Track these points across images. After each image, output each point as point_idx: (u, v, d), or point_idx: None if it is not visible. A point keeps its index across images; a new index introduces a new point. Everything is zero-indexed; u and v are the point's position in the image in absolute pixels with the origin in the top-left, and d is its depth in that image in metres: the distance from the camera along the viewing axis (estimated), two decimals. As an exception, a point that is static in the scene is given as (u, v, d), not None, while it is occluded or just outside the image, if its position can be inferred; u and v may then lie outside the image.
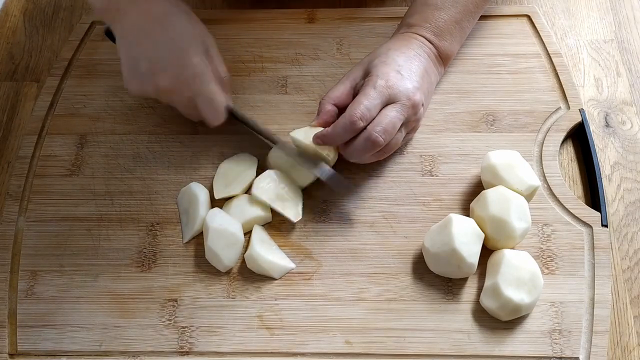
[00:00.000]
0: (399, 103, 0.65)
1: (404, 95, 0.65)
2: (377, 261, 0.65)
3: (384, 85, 0.65)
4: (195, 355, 0.62)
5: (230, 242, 0.64)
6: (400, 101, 0.65)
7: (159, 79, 0.66)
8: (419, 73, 0.68)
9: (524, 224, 0.63)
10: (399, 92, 0.65)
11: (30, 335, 0.63)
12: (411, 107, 0.66)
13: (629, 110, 0.76)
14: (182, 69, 0.65)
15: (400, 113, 0.65)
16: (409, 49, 0.69)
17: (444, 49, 0.71)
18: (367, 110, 0.64)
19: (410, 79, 0.67)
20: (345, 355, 0.61)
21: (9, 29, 0.87)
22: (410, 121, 0.67)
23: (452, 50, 0.73)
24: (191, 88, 0.66)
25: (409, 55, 0.69)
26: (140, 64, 0.66)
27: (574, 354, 0.60)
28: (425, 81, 0.69)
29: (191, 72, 0.65)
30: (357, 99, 0.65)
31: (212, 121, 0.68)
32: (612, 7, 0.84)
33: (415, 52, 0.69)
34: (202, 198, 0.67)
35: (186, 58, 0.65)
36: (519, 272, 0.60)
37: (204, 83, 0.66)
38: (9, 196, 0.70)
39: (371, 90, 0.65)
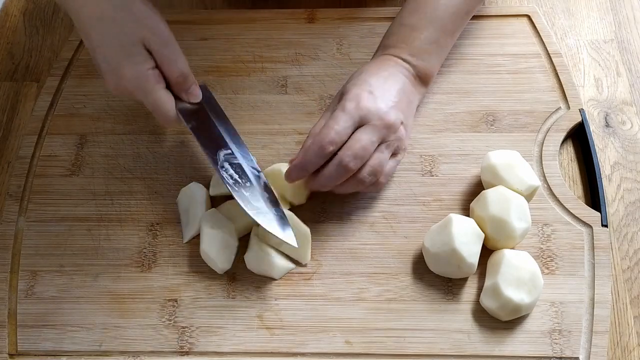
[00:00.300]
0: (370, 125, 0.63)
1: (375, 115, 0.63)
2: (377, 261, 0.65)
3: (353, 107, 0.63)
4: (195, 355, 0.62)
5: (224, 245, 0.64)
6: (371, 122, 0.63)
7: (107, 83, 0.65)
8: (394, 93, 0.66)
9: (524, 224, 0.63)
10: (369, 112, 0.63)
11: (30, 335, 0.63)
12: (384, 128, 0.64)
13: (629, 110, 0.76)
14: (120, 80, 0.64)
15: (373, 135, 0.63)
16: (383, 69, 0.68)
17: (422, 68, 0.69)
18: (336, 134, 0.62)
19: (382, 98, 0.65)
20: (345, 355, 0.61)
21: (9, 29, 0.87)
22: (389, 141, 0.65)
23: (431, 69, 0.71)
24: (134, 98, 0.66)
25: (383, 76, 0.67)
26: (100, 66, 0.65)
27: (574, 354, 0.60)
28: (403, 100, 0.67)
29: (128, 84, 0.64)
30: (327, 123, 0.63)
31: (162, 124, 0.68)
32: (612, 7, 0.84)
33: (390, 72, 0.67)
34: (201, 198, 0.67)
35: (122, 70, 0.63)
36: (519, 272, 0.60)
37: (144, 93, 0.64)
38: (9, 196, 0.70)
39: (340, 114, 0.63)
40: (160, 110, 0.65)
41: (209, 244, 0.63)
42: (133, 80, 0.63)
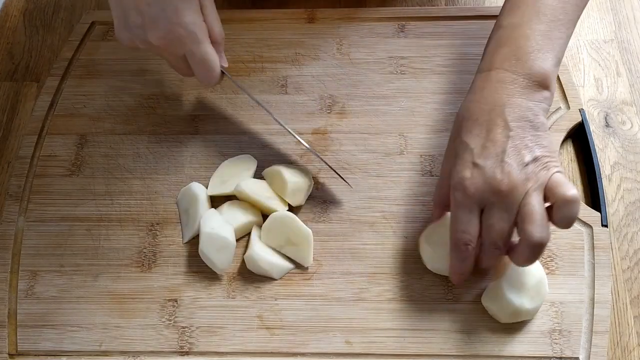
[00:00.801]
0: (489, 205, 0.57)
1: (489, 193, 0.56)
2: (377, 261, 0.65)
3: (463, 196, 0.57)
4: (195, 355, 0.62)
5: (222, 246, 0.63)
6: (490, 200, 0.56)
7: (149, 35, 0.62)
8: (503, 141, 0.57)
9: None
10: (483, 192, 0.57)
11: (30, 335, 0.63)
12: (506, 198, 0.56)
13: (629, 110, 0.76)
14: (174, 27, 0.61)
15: (498, 213, 0.56)
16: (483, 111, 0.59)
17: (533, 72, 0.60)
18: (464, 233, 0.57)
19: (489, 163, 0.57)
20: (345, 355, 0.61)
21: (9, 29, 0.87)
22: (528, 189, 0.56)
23: (545, 69, 0.60)
24: (183, 47, 0.63)
25: (483, 124, 0.59)
26: (130, 15, 0.62)
27: (574, 354, 0.60)
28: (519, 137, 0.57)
29: (183, 31, 0.62)
30: (451, 225, 0.59)
31: (205, 82, 0.66)
32: (612, 7, 0.84)
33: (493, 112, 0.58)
34: (202, 198, 0.67)
35: (179, 16, 0.61)
36: (525, 277, 0.60)
37: (197, 43, 0.63)
38: (9, 196, 0.70)
39: (456, 210, 0.58)
40: (209, 63, 0.64)
41: (208, 245, 0.63)
42: (189, 26, 0.62)
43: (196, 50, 0.64)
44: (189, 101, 0.76)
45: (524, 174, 0.56)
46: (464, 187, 0.57)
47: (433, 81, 0.76)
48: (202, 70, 0.65)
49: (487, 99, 0.60)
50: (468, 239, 0.58)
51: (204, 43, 0.64)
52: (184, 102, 0.76)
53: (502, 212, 0.56)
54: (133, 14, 0.62)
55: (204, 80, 0.66)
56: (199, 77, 0.66)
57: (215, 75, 0.66)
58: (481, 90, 0.61)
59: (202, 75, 0.66)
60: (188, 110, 0.76)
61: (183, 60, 0.65)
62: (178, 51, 0.64)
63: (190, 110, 0.75)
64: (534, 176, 0.56)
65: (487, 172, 0.57)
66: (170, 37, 0.62)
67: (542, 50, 0.60)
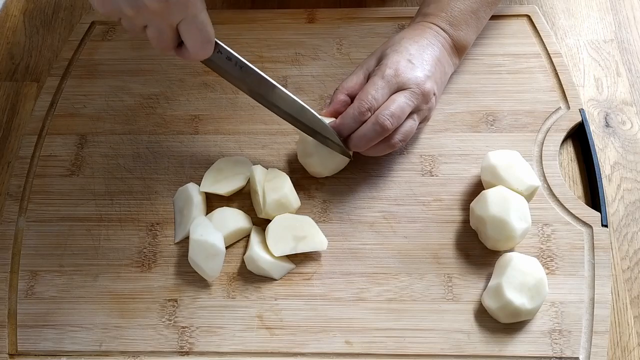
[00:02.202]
0: (408, 90, 0.65)
1: (413, 83, 0.66)
2: (377, 261, 0.65)
3: (392, 74, 0.65)
4: (195, 355, 0.62)
5: (211, 254, 0.63)
6: (410, 88, 0.65)
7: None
8: (431, 62, 0.68)
9: (524, 224, 0.63)
10: (408, 80, 0.66)
11: (30, 335, 0.63)
12: (421, 95, 0.66)
13: (629, 110, 0.76)
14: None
15: (409, 99, 0.65)
16: (423, 37, 0.69)
17: (459, 39, 0.71)
18: (374, 100, 0.64)
19: (421, 67, 0.67)
20: (345, 355, 0.61)
21: (9, 29, 0.87)
22: (421, 110, 0.67)
23: (468, 40, 0.72)
24: (183, 13, 0.58)
25: (422, 44, 0.69)
26: None
27: (574, 354, 0.60)
28: (438, 70, 0.69)
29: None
30: (365, 88, 0.65)
31: (199, 53, 0.61)
32: (612, 7, 0.84)
33: (429, 41, 0.69)
34: (197, 199, 0.67)
35: None
36: (525, 277, 0.60)
37: (198, 9, 0.58)
38: (9, 196, 0.70)
39: (379, 80, 0.65)
40: (207, 31, 0.60)
41: (197, 253, 0.63)
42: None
43: (198, 14, 0.59)
44: (189, 101, 0.76)
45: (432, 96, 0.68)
46: (398, 67, 0.66)
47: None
48: (199, 38, 0.60)
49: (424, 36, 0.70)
50: (374, 106, 0.64)
51: (204, 10, 0.59)
52: (184, 102, 0.76)
53: (411, 100, 0.65)
54: None
55: (198, 50, 0.61)
56: (193, 46, 0.61)
57: (211, 46, 0.61)
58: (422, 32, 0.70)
59: (197, 45, 0.60)
60: (188, 110, 0.76)
61: (173, 29, 0.60)
62: (176, 16, 0.58)
63: (190, 110, 0.75)
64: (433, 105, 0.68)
65: (417, 71, 0.66)
66: (173, 0, 0.57)
67: (469, 25, 0.72)
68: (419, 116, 0.67)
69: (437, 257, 0.65)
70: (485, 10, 0.73)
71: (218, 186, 0.68)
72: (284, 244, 0.64)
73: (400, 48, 0.68)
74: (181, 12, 0.58)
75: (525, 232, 0.63)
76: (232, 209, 0.67)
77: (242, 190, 0.69)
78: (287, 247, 0.64)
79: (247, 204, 0.68)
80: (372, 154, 0.67)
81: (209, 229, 0.64)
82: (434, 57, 0.68)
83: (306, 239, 0.64)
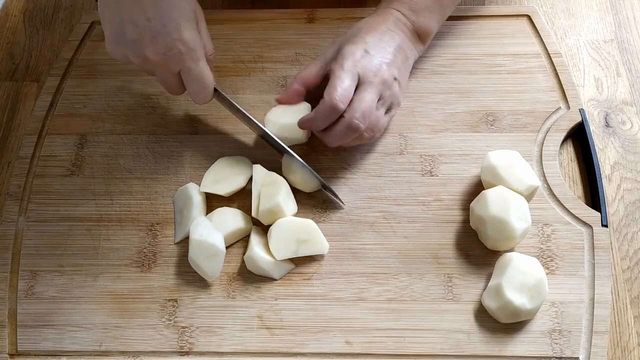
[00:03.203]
0: (367, 82, 0.66)
1: (370, 72, 0.66)
2: (377, 261, 0.65)
3: (351, 65, 0.66)
4: (195, 355, 0.62)
5: (211, 254, 0.63)
6: (368, 79, 0.66)
7: (146, 50, 0.62)
8: (390, 50, 0.69)
9: (524, 224, 0.63)
10: (365, 69, 0.66)
11: (30, 335, 0.63)
12: (380, 84, 0.67)
13: (629, 110, 0.76)
14: (175, 43, 0.62)
15: (373, 93, 0.66)
16: (382, 25, 0.70)
17: (420, 25, 0.72)
18: (344, 91, 0.65)
19: (378, 55, 0.67)
20: (345, 355, 0.61)
21: (9, 29, 0.87)
22: (385, 97, 0.68)
23: (430, 27, 0.73)
24: (181, 64, 0.63)
25: (380, 31, 0.69)
26: (126, 29, 0.61)
27: (574, 354, 0.60)
28: (399, 57, 0.69)
29: (183, 48, 0.62)
30: (331, 82, 0.65)
31: (199, 100, 0.67)
32: (612, 7, 0.84)
33: (387, 27, 0.70)
34: (196, 200, 0.67)
35: (180, 32, 0.62)
36: (525, 277, 0.60)
37: (195, 60, 0.64)
38: (9, 196, 0.70)
39: (341, 72, 0.66)
40: (205, 81, 0.65)
41: (197, 253, 0.63)
42: (190, 43, 0.62)
43: (194, 67, 0.64)
44: (189, 101, 0.76)
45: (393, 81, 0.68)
46: (355, 57, 0.67)
47: (433, 81, 0.76)
48: (197, 87, 0.66)
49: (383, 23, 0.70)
50: (346, 97, 0.65)
51: (201, 60, 0.64)
52: (184, 102, 0.76)
53: (374, 93, 0.66)
54: (130, 28, 0.62)
55: (197, 97, 0.67)
56: (193, 94, 0.67)
57: (209, 93, 0.67)
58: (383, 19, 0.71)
59: (197, 92, 0.66)
60: (188, 110, 0.76)
61: (176, 77, 0.65)
62: (175, 67, 0.64)
63: (190, 110, 0.75)
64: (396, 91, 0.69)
65: (374, 60, 0.67)
66: (169, 54, 0.62)
67: (432, 12, 0.72)
68: (384, 104, 0.68)
69: (437, 257, 0.65)
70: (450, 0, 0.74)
71: (218, 186, 0.68)
72: (286, 247, 0.64)
73: (357, 39, 0.69)
74: (178, 64, 0.64)
75: (525, 232, 0.63)
76: (232, 209, 0.67)
77: (242, 190, 0.69)
78: (289, 250, 0.64)
79: (247, 204, 0.68)
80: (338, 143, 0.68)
81: (209, 229, 0.64)
82: (393, 44, 0.69)
83: (308, 243, 0.64)
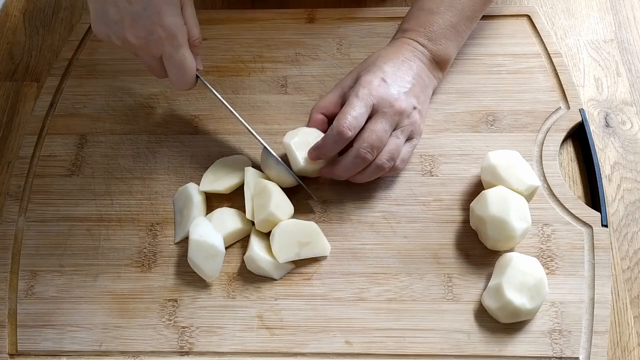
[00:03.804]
0: (381, 112, 0.65)
1: (386, 102, 0.65)
2: (377, 261, 0.65)
3: (367, 93, 0.65)
4: (195, 355, 0.62)
5: (211, 254, 0.63)
6: (383, 109, 0.65)
7: (127, 33, 0.61)
8: (407, 79, 0.68)
9: (524, 224, 0.63)
10: (381, 100, 0.65)
11: (30, 335, 0.63)
12: (397, 114, 0.66)
13: (629, 110, 0.76)
14: (154, 27, 0.61)
15: (386, 124, 0.65)
16: (399, 54, 0.69)
17: (438, 53, 0.71)
18: (353, 119, 0.64)
19: (395, 85, 0.67)
20: (345, 355, 0.61)
21: (9, 29, 0.87)
22: (404, 126, 0.67)
23: (448, 54, 0.72)
24: (161, 49, 0.62)
25: (397, 61, 0.69)
26: (109, 10, 0.61)
27: (574, 354, 0.60)
28: (417, 86, 0.68)
29: (163, 33, 0.61)
30: (343, 109, 0.65)
31: (178, 86, 0.66)
32: (612, 7, 0.84)
33: (405, 57, 0.69)
34: (196, 200, 0.67)
35: (160, 16, 0.61)
36: (525, 277, 0.60)
37: (175, 46, 0.62)
38: (9, 196, 0.70)
39: (355, 100, 0.65)
40: (186, 68, 0.64)
41: (196, 253, 0.63)
42: (170, 28, 0.61)
43: (174, 53, 0.63)
44: (189, 101, 0.76)
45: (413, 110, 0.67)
46: (371, 87, 0.66)
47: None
48: (177, 73, 0.65)
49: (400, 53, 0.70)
50: (353, 125, 0.64)
51: (182, 46, 0.63)
52: (184, 102, 0.76)
53: (387, 124, 0.65)
54: (112, 9, 0.61)
55: (177, 83, 0.66)
56: (173, 80, 0.65)
57: (189, 80, 0.66)
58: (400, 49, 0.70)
59: (177, 79, 0.65)
60: (188, 110, 0.76)
61: (158, 61, 0.64)
62: (155, 52, 0.63)
63: (190, 110, 0.76)
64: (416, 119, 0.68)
65: (391, 89, 0.66)
66: (149, 38, 0.62)
67: (449, 39, 0.71)
68: (403, 133, 0.67)
69: (437, 257, 0.65)
70: (465, 23, 0.72)
71: (217, 184, 0.68)
72: (288, 249, 0.64)
73: (374, 68, 0.68)
74: (159, 49, 0.63)
75: (525, 232, 0.63)
76: (231, 209, 0.67)
77: (241, 189, 0.69)
78: (291, 253, 0.64)
79: (247, 204, 0.68)
80: (361, 180, 0.67)
81: (209, 230, 0.64)
82: (410, 73, 0.68)
83: (310, 245, 0.64)
